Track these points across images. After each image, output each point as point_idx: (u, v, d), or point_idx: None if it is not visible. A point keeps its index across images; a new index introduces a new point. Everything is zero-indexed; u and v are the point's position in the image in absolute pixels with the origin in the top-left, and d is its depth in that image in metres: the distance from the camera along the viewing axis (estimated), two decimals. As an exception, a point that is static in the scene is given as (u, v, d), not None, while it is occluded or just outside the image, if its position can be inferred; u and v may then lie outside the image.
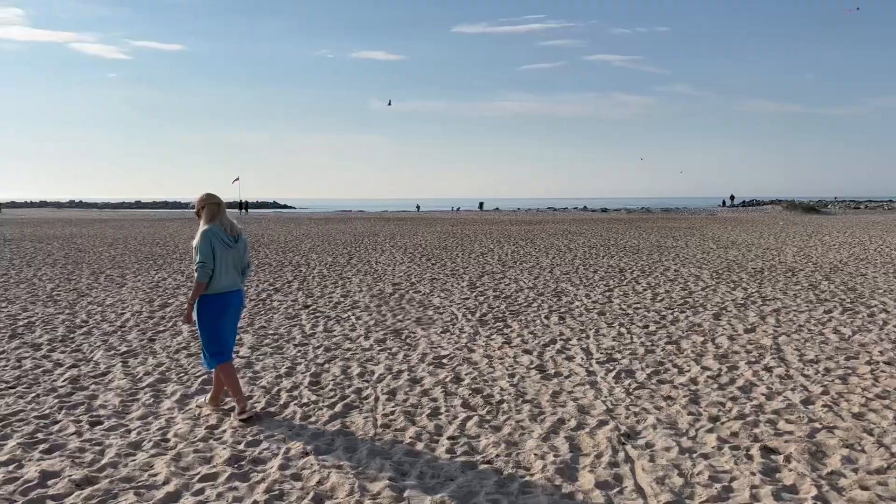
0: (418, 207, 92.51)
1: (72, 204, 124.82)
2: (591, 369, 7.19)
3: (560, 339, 8.58)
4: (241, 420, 5.63)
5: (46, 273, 15.79)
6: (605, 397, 6.23)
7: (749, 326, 9.32)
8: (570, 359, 7.63)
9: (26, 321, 9.83)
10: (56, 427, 5.47)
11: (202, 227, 5.62)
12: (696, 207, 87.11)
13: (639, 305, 11.06)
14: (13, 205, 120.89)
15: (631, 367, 7.28)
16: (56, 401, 6.12)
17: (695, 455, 4.90)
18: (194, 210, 5.73)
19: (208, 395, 6.06)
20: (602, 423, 5.55)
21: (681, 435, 5.30)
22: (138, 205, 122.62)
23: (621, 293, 12.39)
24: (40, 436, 5.27)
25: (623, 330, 9.15)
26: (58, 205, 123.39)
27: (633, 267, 16.70)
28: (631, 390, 6.45)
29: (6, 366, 7.32)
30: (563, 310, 10.70)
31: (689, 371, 7.11)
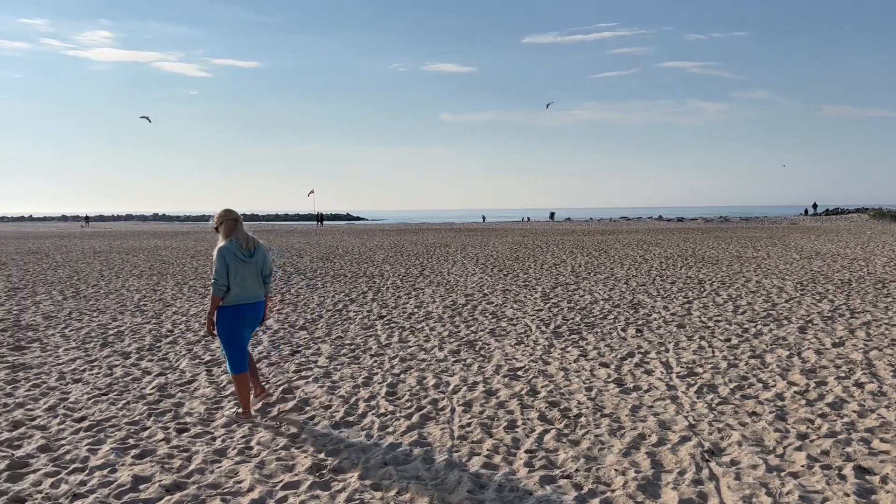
0: (484, 218, 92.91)
1: (155, 217, 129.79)
2: (671, 383, 7.03)
3: (638, 353, 8.42)
4: (237, 414, 6.07)
5: (133, 284, 16.45)
6: (687, 412, 6.08)
7: (837, 340, 8.95)
8: (649, 372, 7.48)
9: (116, 330, 10.26)
10: (146, 433, 5.68)
11: (219, 243, 5.92)
12: (776, 216, 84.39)
13: (720, 318, 10.77)
14: (101, 218, 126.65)
15: (713, 381, 7.08)
16: (145, 408, 6.35)
17: (783, 474, 4.73)
18: (213, 226, 6.07)
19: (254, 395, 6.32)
20: (684, 439, 5.41)
21: (768, 452, 5.13)
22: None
23: (701, 305, 12.09)
24: (131, 441, 5.48)
25: (704, 343, 8.92)
26: (142, 218, 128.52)
27: (712, 278, 16.28)
28: (714, 405, 6.27)
29: (98, 373, 7.65)
30: (640, 322, 10.51)
31: (774, 386, 6.87)
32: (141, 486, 4.61)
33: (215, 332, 5.96)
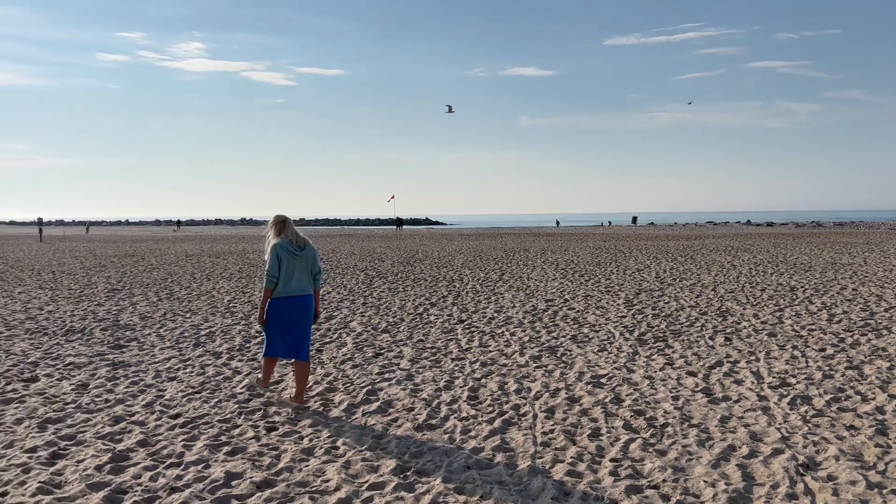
0: (557, 223, 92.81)
1: (243, 221, 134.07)
2: (762, 394, 6.79)
3: (727, 362, 8.17)
4: (257, 380, 6.94)
5: (223, 286, 17.02)
6: (780, 424, 5.86)
7: (944, 352, 8.45)
8: (738, 382, 7.24)
9: (208, 331, 10.64)
10: (237, 431, 5.87)
11: (272, 242, 6.53)
12: (873, 221, 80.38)
13: (813, 327, 10.34)
14: (192, 222, 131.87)
15: (807, 392, 6.81)
16: (236, 406, 6.56)
17: (885, 491, 4.50)
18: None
19: (294, 392, 6.75)
20: (777, 452, 5.22)
21: (867, 468, 4.89)
22: (302, 222, 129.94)
23: (793, 313, 11.63)
24: (223, 438, 5.67)
25: (797, 353, 8.58)
26: (231, 222, 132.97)
27: (805, 285, 15.65)
28: (808, 418, 6.03)
29: (192, 372, 7.96)
30: (728, 330, 10.19)
31: (874, 399, 6.55)
32: (233, 483, 4.77)
33: (265, 321, 6.53)
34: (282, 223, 6.56)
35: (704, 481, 4.71)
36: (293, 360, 6.66)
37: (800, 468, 4.90)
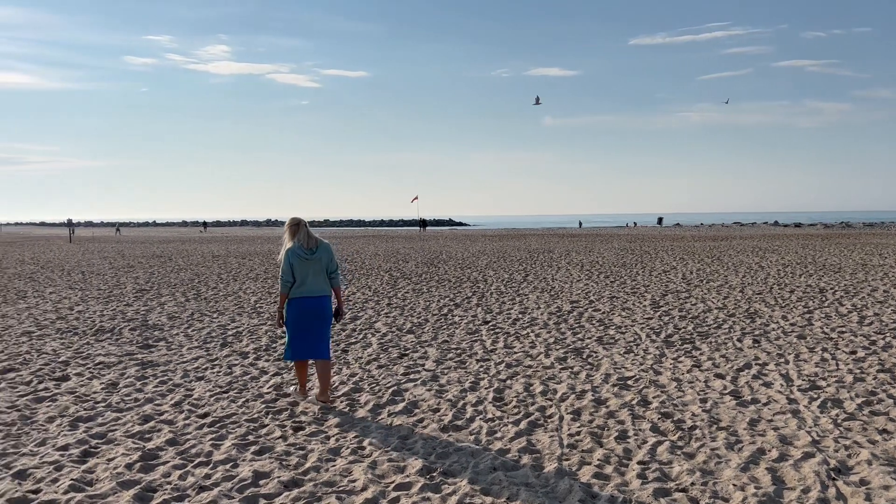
0: (580, 224, 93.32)
1: (268, 222, 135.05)
2: (792, 397, 6.71)
3: (755, 364, 8.08)
4: (295, 391, 7.03)
5: (250, 287, 17.16)
6: (810, 428, 5.78)
7: (979, 355, 8.28)
8: (767, 385, 7.16)
9: (234, 331, 10.73)
10: (264, 430, 5.91)
11: (285, 245, 6.70)
12: (904, 221, 78.97)
13: (844, 329, 10.19)
14: (217, 223, 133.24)
15: (838, 395, 6.71)
16: (263, 406, 6.61)
17: (920, 497, 4.42)
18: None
19: (318, 391, 6.81)
20: (807, 456, 5.15)
21: (902, 474, 4.80)
22: (326, 223, 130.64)
23: (823, 315, 11.47)
24: (251, 438, 5.72)
25: (827, 355, 8.46)
26: (256, 223, 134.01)
27: (834, 287, 15.43)
28: (839, 421, 5.94)
29: (219, 371, 8.03)
30: (757, 332, 10.08)
31: (907, 403, 6.43)
32: (261, 482, 4.80)
33: (283, 323, 6.73)
34: (296, 226, 6.69)
35: (734, 485, 4.66)
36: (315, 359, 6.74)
37: (831, 472, 4.83)
